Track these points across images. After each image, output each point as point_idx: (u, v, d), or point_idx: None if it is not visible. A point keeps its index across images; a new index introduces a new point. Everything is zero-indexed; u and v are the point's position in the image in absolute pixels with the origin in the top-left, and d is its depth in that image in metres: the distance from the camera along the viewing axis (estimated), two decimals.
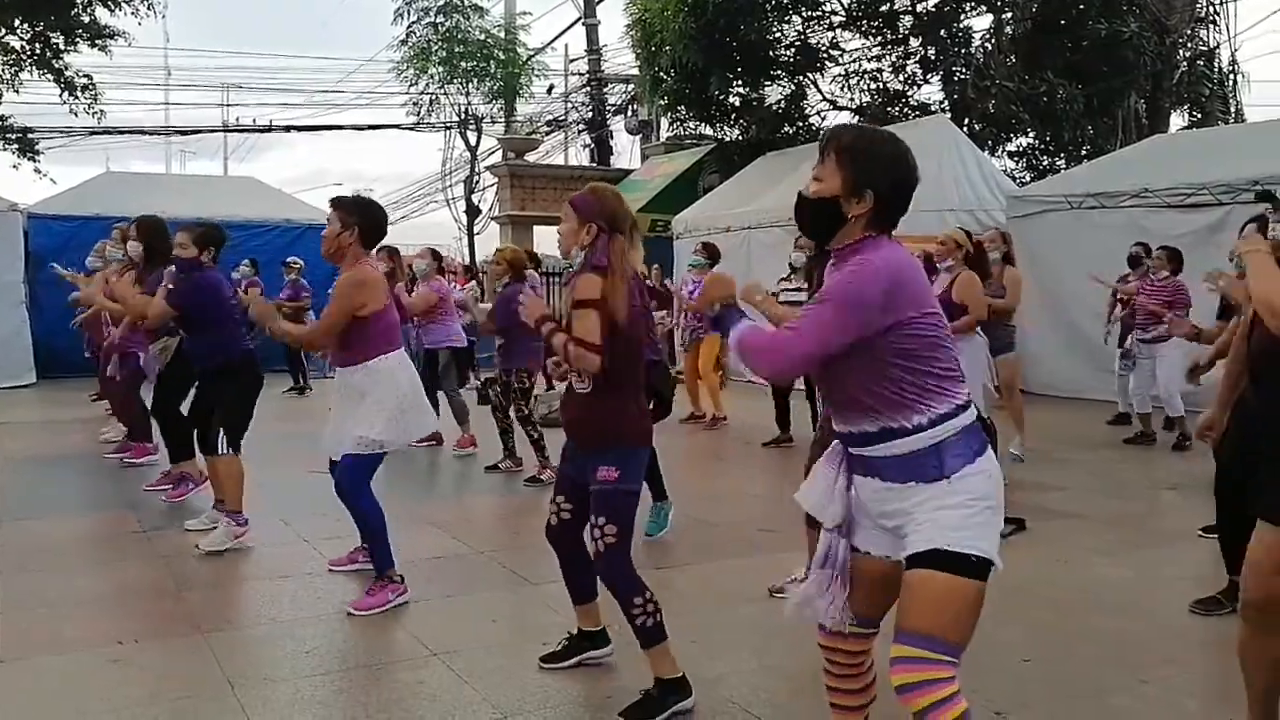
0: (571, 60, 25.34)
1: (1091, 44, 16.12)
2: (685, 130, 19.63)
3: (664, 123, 21.02)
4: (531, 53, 23.07)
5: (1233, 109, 17.68)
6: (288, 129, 24.65)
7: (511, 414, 7.39)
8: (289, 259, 13.38)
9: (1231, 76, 17.87)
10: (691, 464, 8.18)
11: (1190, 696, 3.54)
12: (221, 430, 5.43)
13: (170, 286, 5.48)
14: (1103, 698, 3.49)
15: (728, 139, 18.48)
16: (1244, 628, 2.82)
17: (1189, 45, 17.65)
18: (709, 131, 18.98)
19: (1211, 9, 17.54)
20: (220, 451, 5.44)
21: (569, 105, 24.71)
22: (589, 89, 24.27)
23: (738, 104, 18.14)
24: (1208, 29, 17.78)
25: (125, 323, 6.96)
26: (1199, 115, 17.78)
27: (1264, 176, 9.02)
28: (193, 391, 5.84)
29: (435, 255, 8.84)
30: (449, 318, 8.48)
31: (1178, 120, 17.91)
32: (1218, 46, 17.87)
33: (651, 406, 4.17)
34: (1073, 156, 17.07)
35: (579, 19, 24.25)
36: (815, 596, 2.50)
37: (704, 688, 3.43)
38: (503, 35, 22.28)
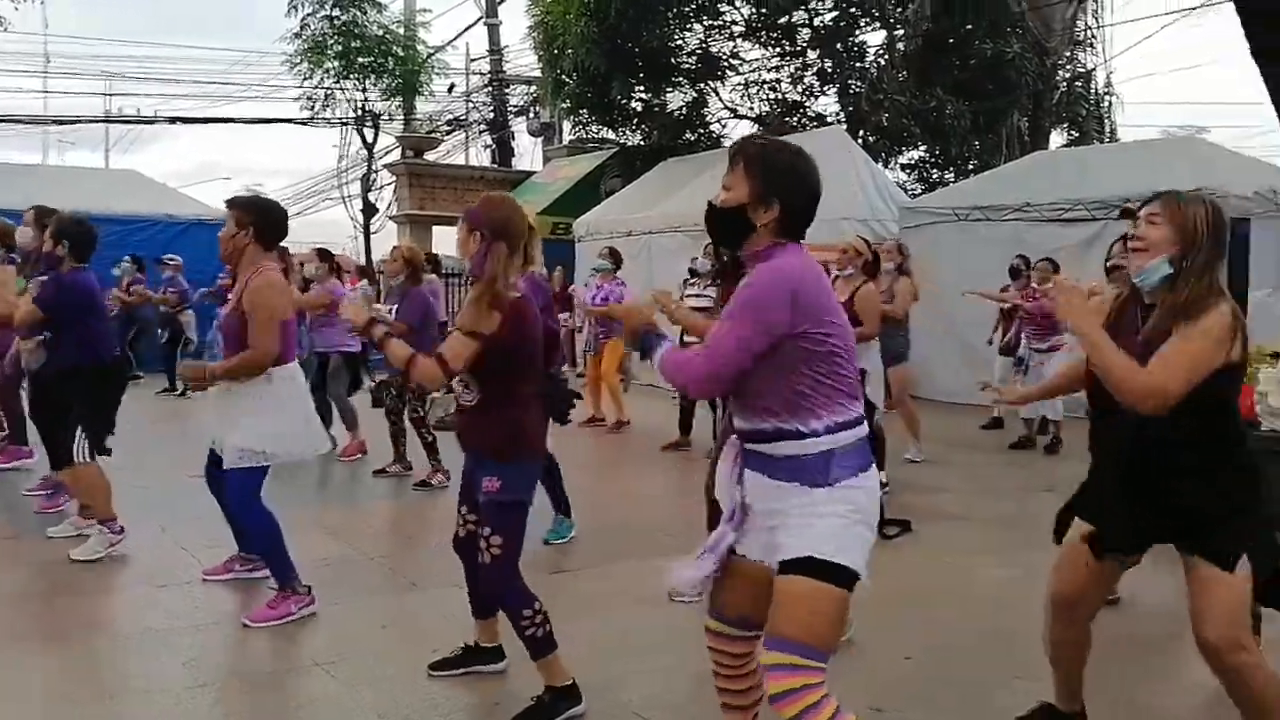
0: (473, 60, 25.12)
1: (978, 63, 16.74)
2: (588, 134, 19.65)
3: (566, 125, 21.01)
4: (431, 51, 22.77)
5: (1107, 128, 18.55)
6: (173, 121, 23.84)
7: (406, 417, 7.28)
8: (166, 256, 12.89)
9: (1106, 98, 18.76)
10: (592, 468, 8.17)
11: (1050, 689, 3.67)
12: (83, 436, 5.09)
13: (39, 288, 5.20)
14: (983, 694, 3.61)
15: (630, 144, 18.58)
16: (1050, 616, 2.96)
17: (1067, 67, 18.45)
18: (611, 136, 19.05)
19: (1088, 33, 18.39)
20: (80, 459, 5.09)
21: (470, 105, 24.48)
22: (490, 89, 24.10)
23: (640, 109, 18.26)
24: (1084, 52, 18.62)
25: None
26: (1077, 134, 18.61)
27: (1134, 194, 9.44)
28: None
29: (324, 256, 8.60)
30: (340, 320, 8.26)
31: (1057, 138, 18.70)
32: (1094, 69, 18.74)
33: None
34: (961, 170, 17.66)
35: (480, 18, 24.07)
36: (693, 574, 2.54)
37: (599, 691, 3.43)
38: (402, 31, 21.93)
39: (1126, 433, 2.69)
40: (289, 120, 23.47)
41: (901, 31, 16.72)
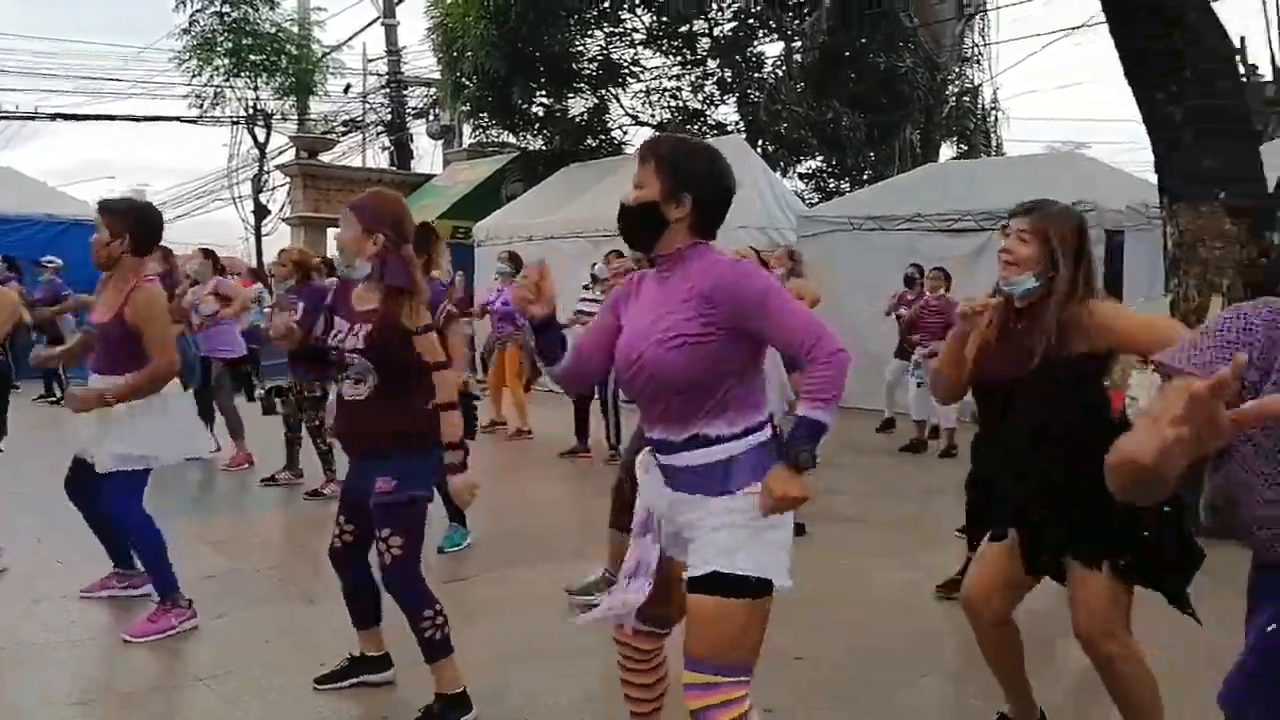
0: (370, 60, 24.68)
1: (873, 77, 17.17)
2: (488, 137, 19.50)
3: (467, 129, 20.81)
4: (327, 50, 22.32)
5: (994, 143, 19.24)
6: (54, 117, 22.78)
7: (304, 425, 7.08)
8: (43, 258, 12.31)
9: (993, 113, 19.47)
10: (491, 473, 8.07)
11: (956, 687, 3.78)
12: None
13: None
14: (869, 694, 3.68)
15: (531, 148, 18.49)
16: (974, 627, 3.03)
17: (957, 83, 19.07)
18: (512, 140, 18.93)
19: (975, 50, 19.05)
20: None
21: (367, 106, 24.04)
22: (388, 91, 23.72)
23: (541, 114, 18.19)
24: (973, 68, 19.29)
25: None
26: (966, 147, 19.25)
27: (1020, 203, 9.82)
28: None
29: (208, 254, 8.32)
30: (223, 324, 7.99)
31: (947, 151, 19.32)
32: (981, 85, 19.41)
33: None
34: (856, 181, 18.07)
35: (378, 18, 23.68)
36: (626, 601, 2.50)
37: (491, 699, 3.39)
38: (295, 30, 21.43)
39: (1014, 438, 2.83)
40: (176, 118, 22.73)
41: (799, 44, 17.06)
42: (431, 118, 22.63)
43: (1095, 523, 2.68)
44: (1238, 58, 9.84)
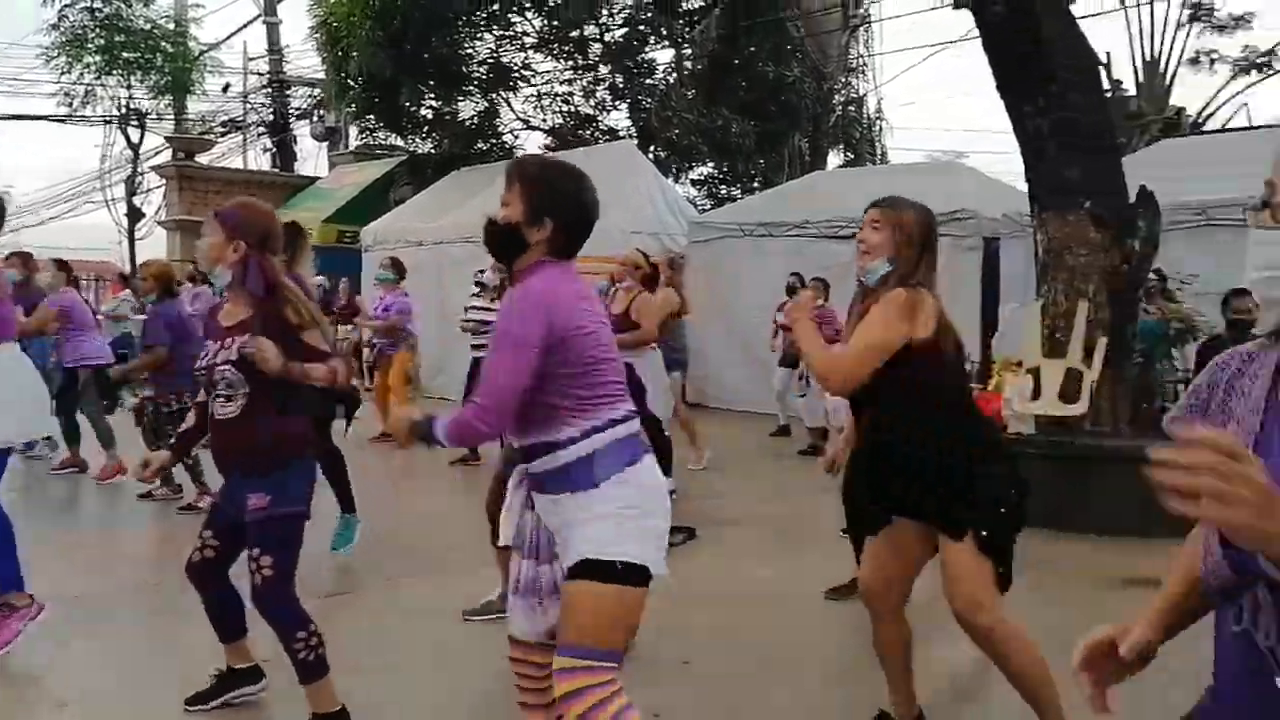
0: (251, 59, 23.96)
1: (762, 85, 17.45)
2: (375, 140, 19.16)
3: (353, 131, 20.39)
4: (205, 48, 21.59)
5: (879, 151, 19.77)
6: None
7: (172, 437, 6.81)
8: None
9: (877, 123, 20.00)
10: (379, 483, 7.92)
11: (835, 687, 3.85)
12: None
13: None
14: (759, 694, 3.72)
15: (420, 151, 18.23)
16: (871, 619, 3.11)
17: (843, 92, 19.54)
18: (400, 143, 18.63)
19: (860, 61, 19.56)
20: None
21: (248, 106, 23.34)
22: (270, 90, 23.07)
23: (430, 117, 17.96)
24: (858, 78, 19.79)
25: None
26: (852, 155, 19.73)
27: None
28: None
29: (61, 265, 7.91)
30: (85, 332, 7.62)
31: (835, 159, 19.77)
32: (865, 95, 19.93)
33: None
34: (747, 187, 18.35)
35: (259, 16, 23.02)
36: (520, 617, 2.56)
37: (373, 712, 3.31)
38: (171, 27, 20.67)
39: (867, 427, 2.98)
40: (44, 117, 21.69)
41: (689, 51, 17.24)
42: (316, 119, 22.09)
43: (955, 495, 2.80)
44: (1103, 74, 10.32)
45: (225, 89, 22.66)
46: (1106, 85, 11.70)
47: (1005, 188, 11.63)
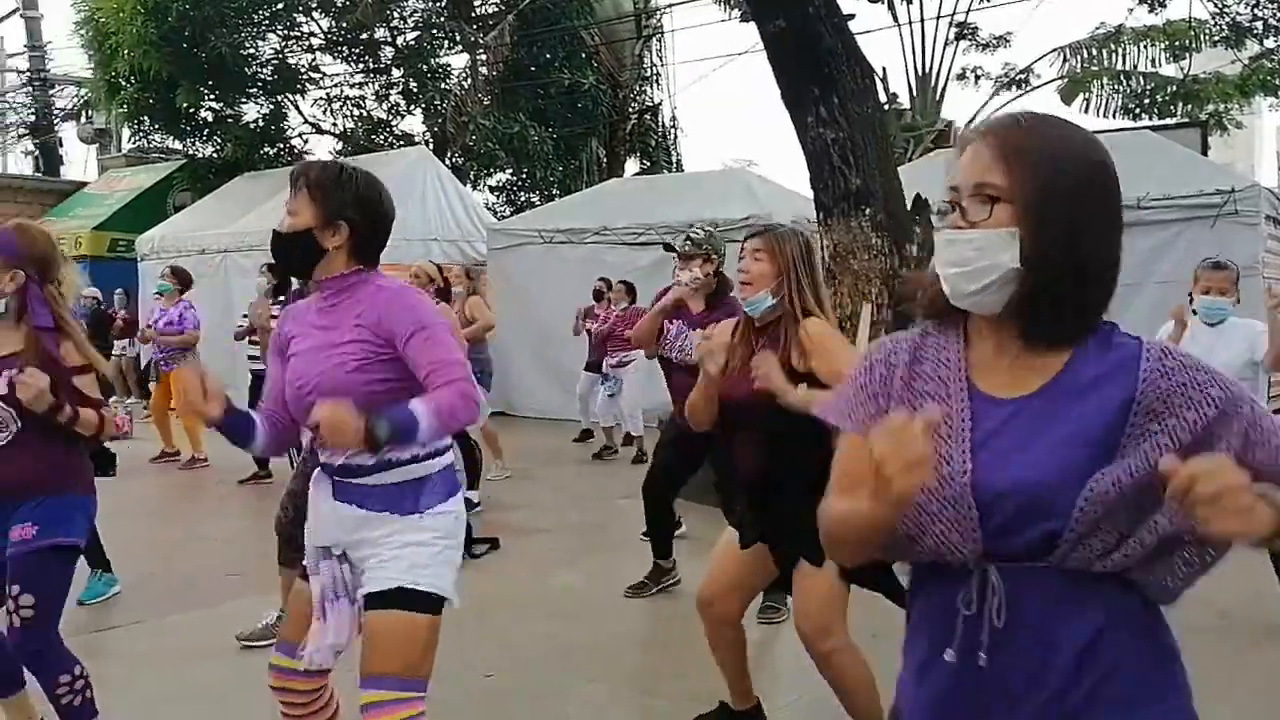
0: (10, 55, 22.08)
1: (557, 92, 17.51)
2: (151, 143, 18.02)
3: (125, 133, 19.07)
4: None
5: (674, 158, 20.20)
6: None
7: None
8: None
9: (673, 130, 20.44)
10: (157, 508, 7.43)
11: (635, 687, 3.88)
12: None
13: None
14: (560, 702, 3.69)
15: (200, 155, 17.25)
16: (704, 622, 3.14)
17: (638, 100, 19.86)
18: (179, 146, 17.58)
19: (654, 70, 19.93)
20: None
21: (6, 105, 21.47)
22: (31, 89, 21.30)
23: (211, 119, 17.02)
24: (652, 87, 20.16)
25: None
26: (649, 162, 20.07)
27: (696, 219, 10.32)
28: None
29: None
30: None
31: (632, 166, 20.06)
32: (660, 103, 20.33)
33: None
34: (546, 194, 18.33)
35: (16, 9, 21.23)
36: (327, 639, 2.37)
37: None
38: None
39: (754, 451, 2.95)
40: None
41: (484, 56, 17.09)
42: (84, 120, 20.55)
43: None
44: (879, 87, 10.91)
45: None
46: (883, 98, 12.38)
47: (794, 194, 12.09)
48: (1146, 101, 16.58)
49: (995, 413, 1.34)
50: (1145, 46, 16.45)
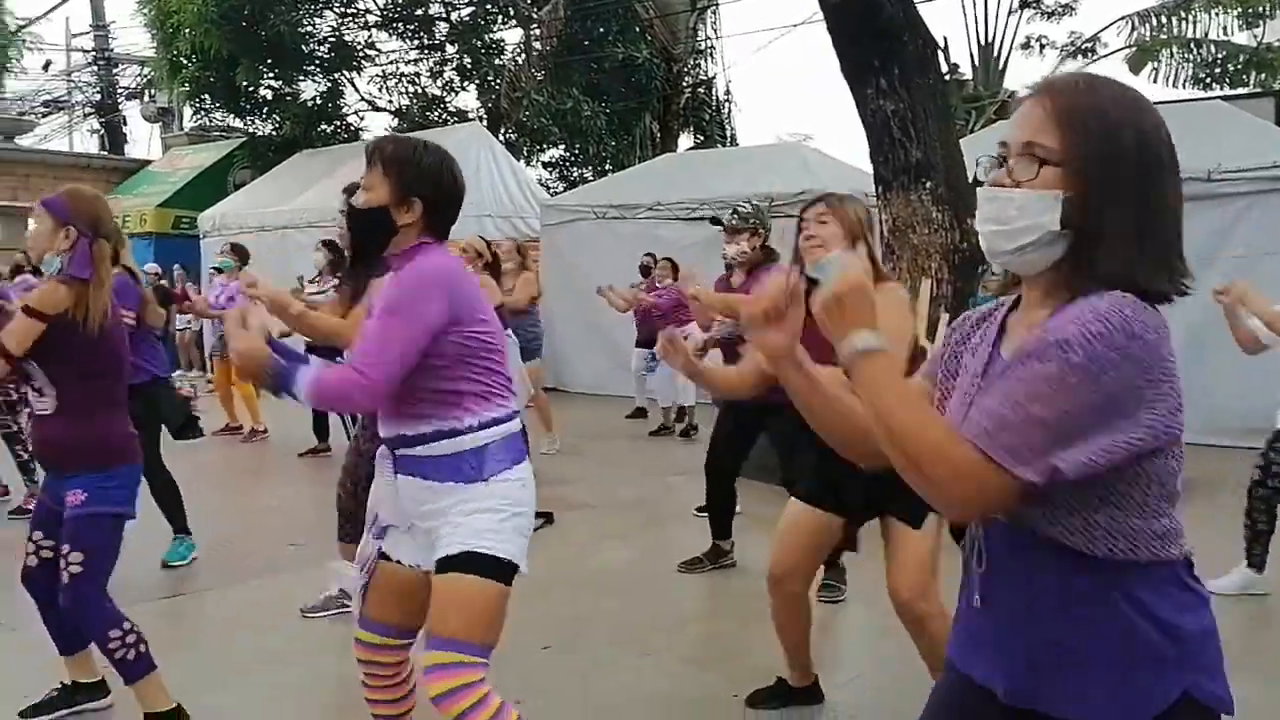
0: (75, 35, 22.53)
1: (611, 66, 17.42)
2: (212, 121, 18.29)
3: (187, 111, 19.39)
4: (22, 23, 20.14)
5: (728, 133, 20.03)
6: None
7: None
8: None
9: (726, 104, 20.26)
10: (222, 480, 7.58)
11: (692, 663, 3.88)
12: None
13: None
14: (615, 675, 3.71)
15: (260, 133, 17.47)
16: (774, 599, 3.15)
17: (692, 74, 19.71)
18: (239, 124, 17.83)
19: (709, 43, 19.76)
20: None
21: (72, 85, 21.94)
22: (96, 69, 21.72)
23: (270, 97, 17.22)
24: (706, 60, 19.99)
25: None
26: (702, 137, 19.92)
27: (751, 195, 10.24)
28: None
29: None
30: None
31: (686, 140, 19.93)
32: (714, 77, 20.15)
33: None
34: (599, 169, 18.31)
35: None
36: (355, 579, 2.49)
37: (206, 715, 3.16)
38: None
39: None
40: None
41: (538, 31, 17.06)
42: (147, 99, 20.92)
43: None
44: (941, 58, 10.71)
45: (46, 66, 21.27)
46: (945, 69, 12.15)
47: (850, 168, 11.94)
48: (1218, 70, 16.09)
49: (994, 373, 1.38)
50: (1217, 14, 15.96)
